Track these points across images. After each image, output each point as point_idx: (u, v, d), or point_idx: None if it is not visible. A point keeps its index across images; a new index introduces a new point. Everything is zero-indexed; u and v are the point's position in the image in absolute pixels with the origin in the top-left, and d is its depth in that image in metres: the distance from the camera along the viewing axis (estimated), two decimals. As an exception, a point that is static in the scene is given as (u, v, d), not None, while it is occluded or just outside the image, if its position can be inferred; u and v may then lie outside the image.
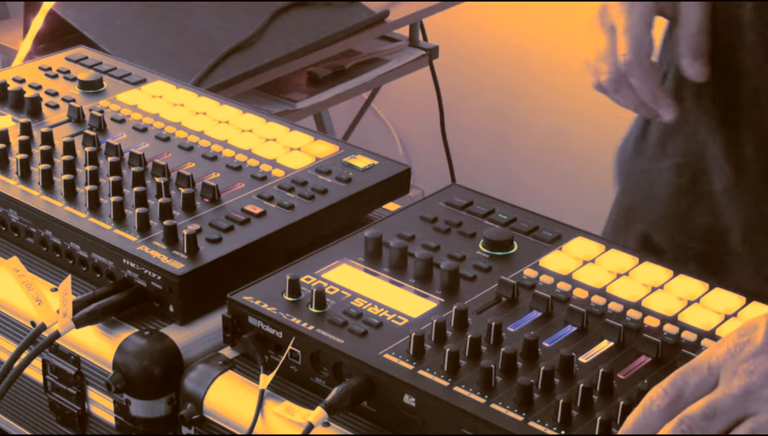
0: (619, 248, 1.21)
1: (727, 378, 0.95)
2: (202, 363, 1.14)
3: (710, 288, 1.15)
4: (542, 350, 1.07)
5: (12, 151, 1.36)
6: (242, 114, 1.45)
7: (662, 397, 0.95)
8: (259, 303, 1.12)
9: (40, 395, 1.25)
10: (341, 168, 1.34)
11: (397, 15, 2.70)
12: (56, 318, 1.15)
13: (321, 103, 2.64)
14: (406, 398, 1.04)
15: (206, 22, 2.54)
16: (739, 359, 0.96)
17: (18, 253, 1.28)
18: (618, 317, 1.11)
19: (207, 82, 2.36)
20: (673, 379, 0.96)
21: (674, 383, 0.96)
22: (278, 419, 1.08)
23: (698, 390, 0.95)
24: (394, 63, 2.75)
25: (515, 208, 1.28)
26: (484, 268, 1.18)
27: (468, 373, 1.04)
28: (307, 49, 2.54)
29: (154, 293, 1.19)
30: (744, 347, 0.96)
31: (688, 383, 0.95)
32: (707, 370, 0.96)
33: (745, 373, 0.95)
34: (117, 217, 1.24)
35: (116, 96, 1.49)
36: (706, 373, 0.96)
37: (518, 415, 1.00)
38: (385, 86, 2.87)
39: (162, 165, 1.32)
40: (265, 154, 1.37)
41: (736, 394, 0.94)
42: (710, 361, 0.96)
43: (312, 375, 1.10)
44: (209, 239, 1.21)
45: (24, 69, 1.56)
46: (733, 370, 0.95)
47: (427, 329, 1.09)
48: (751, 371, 0.94)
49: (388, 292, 1.15)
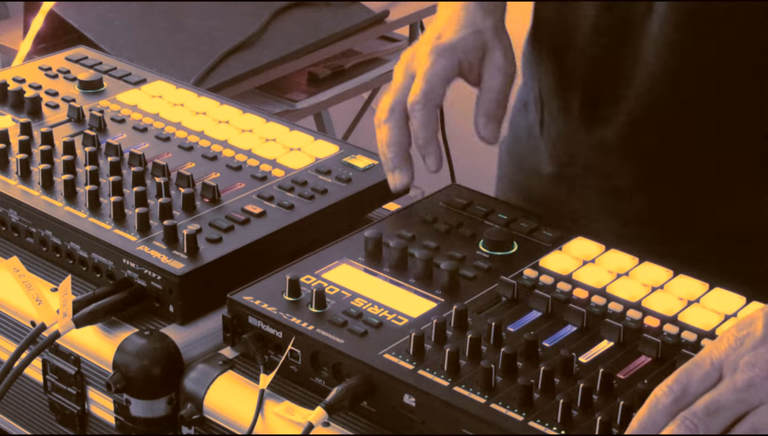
0: (619, 248, 1.21)
1: (729, 373, 0.96)
2: (202, 363, 1.14)
3: (710, 288, 1.15)
4: (542, 350, 1.07)
5: (12, 151, 1.35)
6: (242, 114, 1.45)
7: (667, 394, 0.95)
8: (259, 303, 1.12)
9: (40, 395, 1.25)
10: (341, 168, 1.34)
11: (397, 15, 2.70)
12: (56, 318, 1.15)
13: (321, 103, 2.64)
14: (406, 398, 1.04)
15: (206, 22, 2.54)
16: (741, 352, 0.96)
17: (18, 253, 1.28)
18: (618, 317, 1.11)
19: (207, 82, 2.37)
20: (676, 376, 0.96)
21: (678, 380, 0.96)
22: (278, 419, 1.08)
23: (702, 386, 0.96)
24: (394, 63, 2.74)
25: (515, 208, 1.28)
26: (484, 268, 1.18)
27: (468, 373, 1.04)
28: (307, 49, 2.54)
29: (154, 293, 1.19)
30: (744, 340, 0.97)
31: (692, 380, 0.96)
32: (710, 366, 0.96)
33: (747, 366, 0.95)
34: (117, 217, 1.24)
35: (116, 96, 1.49)
36: (709, 368, 0.96)
37: (518, 415, 1.00)
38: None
39: (162, 165, 1.32)
40: (265, 154, 1.37)
41: (740, 388, 0.94)
42: (712, 357, 0.97)
43: (312, 375, 1.10)
44: (209, 239, 1.21)
45: (24, 69, 1.56)
46: (735, 364, 0.96)
47: (427, 329, 1.09)
48: (753, 363, 0.95)
49: (388, 292, 1.15)
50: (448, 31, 1.30)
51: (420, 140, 1.26)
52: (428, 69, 1.27)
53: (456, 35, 1.29)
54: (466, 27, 1.30)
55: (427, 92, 1.25)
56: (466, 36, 1.30)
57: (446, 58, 1.28)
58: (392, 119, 1.27)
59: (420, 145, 1.26)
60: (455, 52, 1.28)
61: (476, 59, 1.30)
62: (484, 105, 1.29)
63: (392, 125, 1.27)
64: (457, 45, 1.29)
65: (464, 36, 1.30)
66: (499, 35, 1.32)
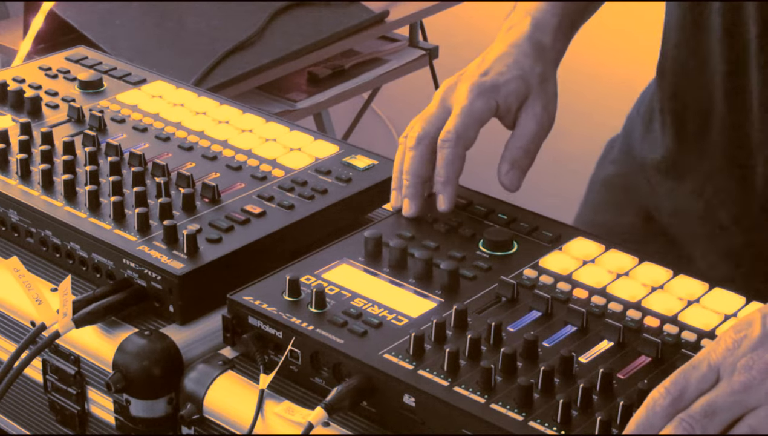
0: (619, 248, 1.21)
1: (727, 375, 0.96)
2: (202, 363, 1.14)
3: (710, 288, 1.15)
4: (542, 350, 1.07)
5: (12, 151, 1.35)
6: (242, 114, 1.45)
7: (665, 396, 0.95)
8: (259, 303, 1.12)
9: (40, 395, 1.25)
10: (341, 168, 1.34)
11: (397, 15, 2.70)
12: (56, 318, 1.15)
13: (321, 103, 2.64)
14: (406, 398, 1.04)
15: (206, 22, 2.54)
16: (738, 354, 0.96)
17: (18, 253, 1.28)
18: (618, 317, 1.11)
19: (207, 82, 2.36)
20: (674, 378, 0.96)
21: (676, 381, 0.96)
22: (278, 419, 1.08)
23: (700, 388, 0.96)
24: (394, 63, 2.75)
25: (515, 208, 1.28)
26: (484, 268, 1.18)
27: (468, 373, 1.04)
28: (307, 49, 2.54)
29: (154, 293, 1.19)
30: (741, 342, 0.97)
31: (689, 381, 0.96)
32: (707, 368, 0.96)
33: (744, 368, 0.95)
34: (117, 217, 1.24)
35: (116, 96, 1.49)
36: (706, 370, 0.96)
37: (518, 415, 1.00)
38: (384, 86, 2.87)
39: (162, 165, 1.32)
40: (265, 154, 1.37)
41: (737, 390, 0.94)
42: (709, 359, 0.97)
43: (312, 375, 1.10)
44: (209, 239, 1.21)
45: (24, 69, 1.56)
46: (732, 366, 0.96)
47: (427, 329, 1.09)
48: (750, 365, 0.95)
49: (388, 292, 1.15)
50: (495, 70, 1.27)
51: (441, 178, 1.24)
52: (465, 107, 1.24)
53: (502, 76, 1.27)
54: (514, 70, 1.28)
55: (460, 134, 1.24)
56: (511, 79, 1.27)
57: (485, 99, 1.25)
58: (419, 149, 1.25)
59: (439, 182, 1.24)
60: (495, 94, 1.26)
61: (516, 104, 1.28)
62: (511, 152, 1.27)
63: (418, 154, 1.25)
64: (500, 87, 1.26)
65: (509, 79, 1.27)
66: (546, 84, 1.30)
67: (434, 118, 1.26)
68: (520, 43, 1.31)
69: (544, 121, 1.28)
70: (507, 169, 1.27)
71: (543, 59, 1.30)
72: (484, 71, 1.28)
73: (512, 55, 1.29)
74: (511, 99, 1.27)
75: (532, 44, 1.31)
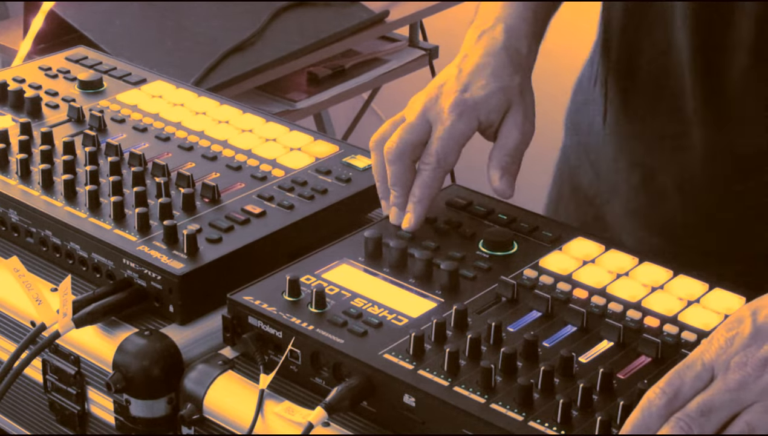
0: (619, 248, 1.21)
1: (721, 373, 0.96)
2: (202, 363, 1.14)
3: (710, 288, 1.15)
4: (542, 350, 1.07)
5: (12, 151, 1.35)
6: (242, 114, 1.45)
7: (660, 397, 0.95)
8: (259, 303, 1.12)
9: (40, 395, 1.25)
10: (341, 168, 1.34)
11: (397, 15, 2.70)
12: (56, 318, 1.15)
13: (321, 103, 2.64)
14: (406, 398, 1.04)
15: (206, 22, 2.54)
16: (731, 352, 0.97)
17: (18, 253, 1.28)
18: (618, 317, 1.11)
19: (207, 82, 2.37)
20: (669, 378, 0.96)
21: (671, 382, 0.96)
22: (278, 419, 1.08)
23: (695, 387, 0.96)
24: (394, 63, 2.75)
25: (515, 208, 1.28)
26: (484, 268, 1.18)
27: (468, 373, 1.04)
28: (307, 49, 2.54)
29: (154, 293, 1.19)
30: (733, 340, 0.98)
31: (684, 381, 0.96)
32: (701, 367, 0.97)
33: (738, 366, 0.96)
34: (117, 217, 1.24)
35: (116, 96, 1.49)
36: (701, 369, 0.97)
37: (518, 415, 1.00)
38: (385, 86, 2.87)
39: (162, 165, 1.32)
40: (265, 154, 1.37)
41: (732, 387, 0.95)
42: (703, 358, 0.97)
43: (312, 375, 1.10)
44: (209, 239, 1.21)
45: (24, 69, 1.56)
46: (726, 364, 0.96)
47: (427, 329, 1.09)
48: (744, 362, 0.96)
49: (388, 292, 1.15)
50: (475, 84, 1.27)
51: (414, 197, 1.24)
52: (447, 129, 1.24)
53: (482, 91, 1.26)
54: (493, 83, 1.27)
55: (440, 158, 1.23)
56: (491, 95, 1.27)
57: (466, 119, 1.25)
58: (400, 163, 1.24)
59: (413, 200, 1.24)
60: (477, 112, 1.26)
61: (498, 119, 1.28)
62: (499, 160, 1.27)
63: (402, 167, 1.24)
64: (480, 105, 1.26)
65: (489, 94, 1.26)
66: (524, 94, 1.30)
67: (414, 130, 1.25)
68: (497, 52, 1.30)
69: (527, 129, 1.29)
70: (500, 174, 1.26)
71: (521, 69, 1.31)
72: (464, 86, 1.27)
73: (490, 66, 1.29)
74: (493, 115, 1.27)
75: (509, 54, 1.31)
